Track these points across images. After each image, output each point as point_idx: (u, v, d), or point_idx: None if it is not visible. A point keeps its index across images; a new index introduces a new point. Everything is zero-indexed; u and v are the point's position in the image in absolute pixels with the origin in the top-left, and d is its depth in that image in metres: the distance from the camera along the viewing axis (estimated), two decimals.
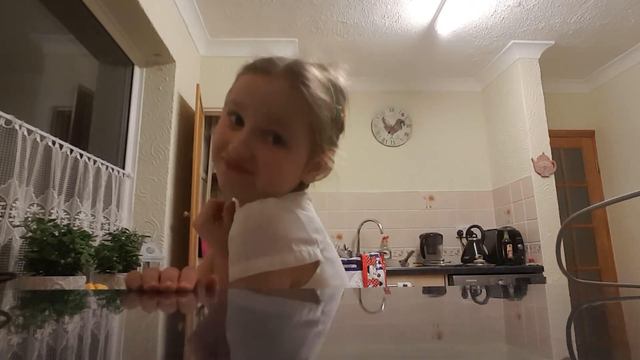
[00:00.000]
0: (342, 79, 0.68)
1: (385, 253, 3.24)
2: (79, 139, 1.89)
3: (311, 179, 0.68)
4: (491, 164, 3.68)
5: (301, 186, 0.69)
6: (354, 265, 2.66)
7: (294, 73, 0.61)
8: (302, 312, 0.39)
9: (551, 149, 3.13)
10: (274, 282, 0.57)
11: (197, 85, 2.65)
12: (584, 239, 3.59)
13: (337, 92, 0.65)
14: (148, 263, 2.01)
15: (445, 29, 2.93)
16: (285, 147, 0.61)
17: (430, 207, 3.58)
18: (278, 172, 0.62)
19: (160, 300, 0.43)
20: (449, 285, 2.88)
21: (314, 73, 0.63)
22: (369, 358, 0.22)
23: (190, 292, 0.48)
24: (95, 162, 1.82)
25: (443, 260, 3.34)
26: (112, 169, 2.00)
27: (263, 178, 0.61)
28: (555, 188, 3.09)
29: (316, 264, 0.60)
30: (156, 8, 2.12)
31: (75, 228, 1.41)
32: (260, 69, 0.62)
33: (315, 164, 0.66)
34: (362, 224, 3.39)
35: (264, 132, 0.60)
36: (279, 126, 0.60)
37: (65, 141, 1.61)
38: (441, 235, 3.38)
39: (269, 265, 0.55)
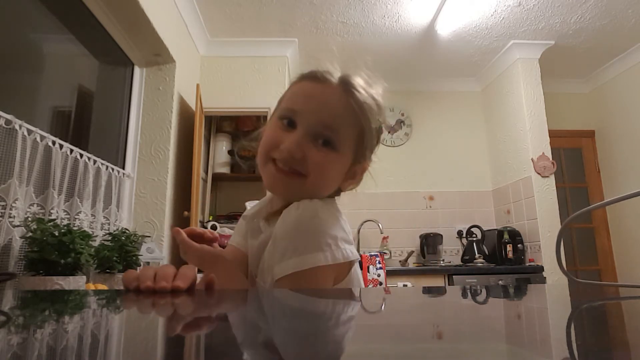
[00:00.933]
0: (380, 97, 0.72)
1: (385, 253, 3.24)
2: (79, 139, 1.89)
3: (347, 186, 0.73)
4: (491, 164, 3.68)
5: (336, 193, 0.73)
6: None
7: (347, 83, 0.66)
8: (299, 311, 0.39)
9: (551, 149, 3.13)
10: (321, 278, 0.60)
11: (197, 85, 2.65)
12: (584, 239, 3.59)
13: (379, 107, 0.70)
14: (148, 263, 2.01)
15: (445, 29, 2.93)
16: (335, 151, 0.65)
17: (430, 207, 3.58)
18: (327, 173, 0.66)
19: (155, 300, 0.43)
20: (449, 285, 2.88)
21: (364, 86, 0.68)
22: (369, 358, 0.22)
23: (184, 292, 0.49)
24: (95, 162, 1.82)
25: (443, 260, 3.34)
26: (112, 169, 2.00)
27: (312, 179, 0.64)
28: (555, 188, 3.09)
29: (352, 262, 0.64)
30: (156, 8, 2.12)
31: (75, 228, 1.41)
32: (316, 78, 0.67)
33: (353, 172, 0.71)
34: (362, 224, 3.40)
35: (316, 136, 0.64)
36: (330, 130, 0.64)
37: (65, 141, 1.61)
38: (441, 235, 3.38)
39: (323, 259, 0.58)
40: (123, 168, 2.23)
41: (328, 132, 0.64)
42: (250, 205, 0.81)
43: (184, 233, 0.67)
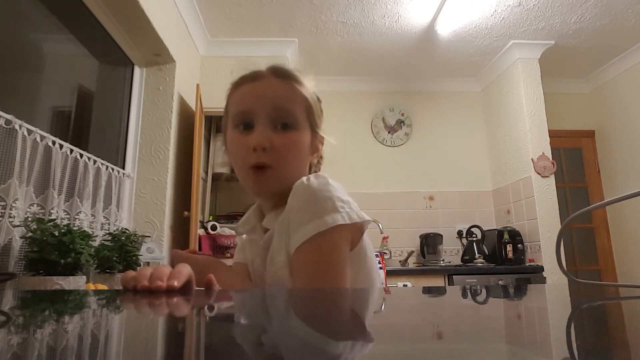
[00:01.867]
0: (308, 78, 0.77)
1: (385, 253, 3.24)
2: (79, 139, 1.89)
3: (314, 160, 0.78)
4: (491, 164, 3.68)
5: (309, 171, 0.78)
6: None
7: (278, 70, 0.73)
8: (299, 311, 0.39)
9: (551, 149, 3.13)
10: (341, 239, 0.63)
11: (197, 85, 2.65)
12: (584, 239, 3.59)
13: (308, 77, 0.76)
14: (148, 263, 2.01)
15: (445, 29, 2.93)
16: (294, 129, 0.70)
17: (430, 207, 3.58)
18: (294, 154, 0.71)
19: (150, 300, 0.43)
20: (449, 285, 2.88)
21: (291, 68, 0.75)
22: (369, 358, 0.22)
23: (179, 291, 0.49)
24: (95, 162, 1.82)
25: (443, 260, 3.34)
26: (112, 169, 2.00)
27: (283, 164, 0.69)
28: (555, 188, 3.09)
29: (365, 224, 0.68)
30: (156, 8, 2.12)
31: (75, 228, 1.41)
32: (250, 77, 0.73)
33: (315, 145, 0.76)
34: None
35: (274, 122, 0.69)
36: (285, 113, 0.70)
37: (65, 141, 1.61)
38: (441, 235, 3.38)
39: (341, 219, 0.62)
40: (123, 168, 2.23)
41: (284, 116, 0.70)
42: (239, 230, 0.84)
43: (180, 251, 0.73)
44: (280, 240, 0.68)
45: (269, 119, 0.69)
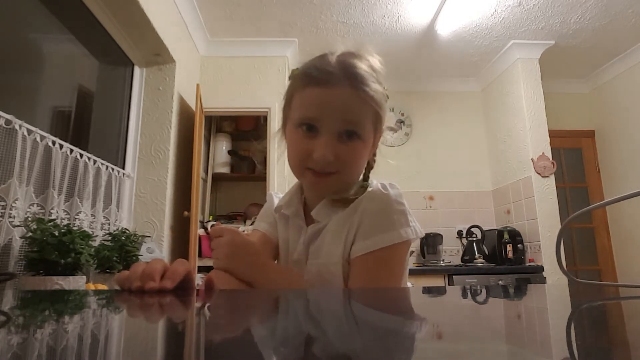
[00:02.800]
0: (376, 61, 0.74)
1: None
2: (79, 139, 1.89)
3: (372, 160, 0.80)
4: (491, 164, 3.68)
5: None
6: None
7: (352, 77, 0.67)
8: (299, 310, 0.39)
9: (551, 149, 3.13)
10: (406, 251, 0.72)
11: (197, 85, 2.65)
12: (584, 239, 3.59)
13: (379, 76, 0.72)
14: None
15: (445, 29, 2.93)
16: (360, 140, 0.69)
17: (430, 207, 3.58)
18: (357, 162, 0.72)
19: (152, 300, 0.43)
20: (449, 285, 2.88)
21: (364, 68, 0.69)
22: (369, 358, 0.22)
23: (178, 290, 0.49)
24: (95, 162, 1.82)
25: (443, 260, 3.34)
26: (112, 169, 2.00)
27: (347, 171, 0.70)
28: (555, 188, 3.09)
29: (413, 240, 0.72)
30: (156, 8, 2.12)
31: (75, 228, 1.41)
32: (322, 81, 0.67)
33: (375, 146, 0.78)
34: None
35: (340, 134, 0.68)
36: (352, 125, 0.68)
37: (65, 141, 1.61)
38: (441, 235, 3.38)
39: (412, 233, 0.69)
40: (123, 168, 2.23)
41: (351, 128, 0.68)
42: (276, 197, 0.86)
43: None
44: (340, 237, 0.71)
45: (336, 131, 0.67)
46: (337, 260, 0.70)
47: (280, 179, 2.85)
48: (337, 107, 0.67)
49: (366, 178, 0.79)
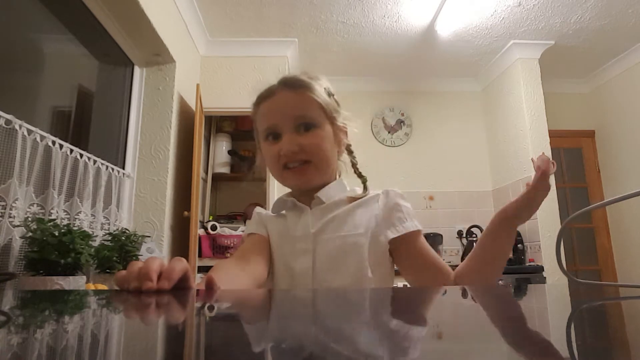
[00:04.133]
0: (317, 74, 0.86)
1: None
2: (79, 139, 1.89)
3: (341, 150, 0.87)
4: (491, 164, 3.68)
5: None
6: None
7: (288, 82, 0.82)
8: (299, 310, 0.39)
9: (551, 149, 3.13)
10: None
11: (197, 85, 2.65)
12: (584, 239, 3.59)
13: (316, 78, 0.84)
14: None
15: (445, 29, 2.93)
16: (316, 127, 0.80)
17: (430, 207, 3.58)
18: (323, 146, 0.80)
19: (143, 300, 0.43)
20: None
21: (298, 75, 0.83)
22: (369, 357, 0.22)
23: (177, 290, 0.49)
24: (95, 162, 1.82)
25: (443, 260, 3.34)
26: (112, 169, 2.00)
27: (317, 157, 0.79)
28: (555, 188, 3.09)
29: None
30: (156, 8, 2.12)
31: (75, 228, 1.41)
32: (266, 95, 0.82)
33: (338, 138, 0.85)
34: None
35: (297, 128, 0.79)
36: (303, 118, 0.79)
37: (65, 141, 1.61)
38: (441, 235, 3.38)
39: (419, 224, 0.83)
40: (123, 168, 2.23)
41: (302, 120, 0.79)
42: (262, 210, 0.94)
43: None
44: (365, 215, 0.80)
45: (292, 127, 0.79)
46: (364, 232, 0.78)
47: None
48: (285, 108, 0.79)
49: (360, 175, 0.89)
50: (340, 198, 0.84)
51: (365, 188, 0.87)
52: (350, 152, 0.88)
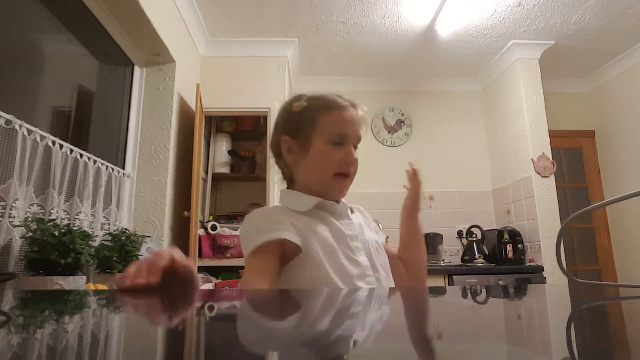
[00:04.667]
0: None
1: None
2: (79, 139, 1.89)
3: None
4: (491, 164, 3.68)
5: None
6: None
7: (356, 104, 0.95)
8: (300, 310, 0.39)
9: (551, 149, 3.13)
10: None
11: (197, 85, 2.65)
12: (584, 239, 3.59)
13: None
14: None
15: (445, 29, 2.93)
16: (356, 149, 0.93)
17: (430, 207, 3.58)
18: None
19: (139, 300, 0.43)
20: (449, 285, 2.88)
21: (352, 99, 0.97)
22: (369, 357, 0.22)
23: (154, 285, 0.51)
24: (95, 162, 1.82)
25: (443, 260, 3.34)
26: (112, 169, 2.00)
27: (354, 173, 0.92)
28: (555, 188, 3.09)
29: None
30: (156, 8, 2.12)
31: (75, 228, 1.41)
32: (342, 106, 0.91)
33: None
34: None
35: (354, 144, 0.92)
36: (360, 140, 0.93)
37: (65, 141, 1.61)
38: (441, 235, 3.38)
39: None
40: (123, 168, 2.23)
41: (359, 141, 0.93)
42: (271, 211, 0.96)
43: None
44: (371, 225, 1.01)
45: (354, 142, 0.91)
46: (377, 236, 0.99)
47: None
48: (355, 125, 0.91)
49: None
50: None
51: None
52: None
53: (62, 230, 1.32)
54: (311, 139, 0.90)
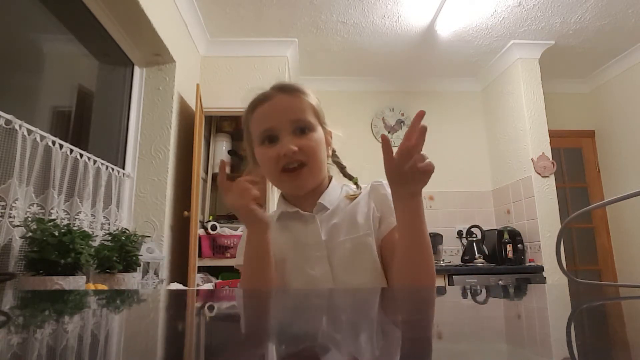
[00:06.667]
0: (307, 87, 0.90)
1: None
2: (79, 139, 1.89)
3: (329, 152, 0.90)
4: (491, 164, 3.68)
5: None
6: None
7: (283, 87, 0.85)
8: (301, 309, 0.39)
9: (551, 149, 3.13)
10: None
11: (197, 85, 2.65)
12: (584, 239, 3.59)
13: (309, 89, 0.88)
14: (148, 263, 2.01)
15: (445, 29, 2.93)
16: (311, 131, 0.82)
17: (430, 207, 3.58)
18: (318, 149, 0.82)
19: (151, 300, 0.43)
20: (449, 285, 2.88)
21: (290, 81, 0.88)
22: (369, 357, 0.22)
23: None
24: (95, 162, 1.82)
25: (443, 260, 3.34)
26: (112, 169, 2.00)
27: (313, 160, 0.81)
28: (555, 188, 3.09)
29: None
30: (156, 8, 2.12)
31: (75, 228, 1.41)
32: (262, 99, 0.84)
33: (327, 141, 0.87)
34: None
35: (294, 131, 0.81)
36: (300, 121, 0.81)
37: (65, 141, 1.61)
38: (441, 235, 3.38)
39: None
40: (123, 168, 2.23)
41: (299, 123, 0.81)
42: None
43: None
44: (368, 215, 0.83)
45: (290, 130, 0.80)
46: (369, 232, 0.81)
47: None
48: (282, 112, 0.81)
49: (350, 177, 0.93)
50: (339, 200, 0.87)
51: (358, 187, 0.90)
52: (335, 156, 0.92)
53: (62, 230, 1.32)
54: (253, 147, 0.86)
